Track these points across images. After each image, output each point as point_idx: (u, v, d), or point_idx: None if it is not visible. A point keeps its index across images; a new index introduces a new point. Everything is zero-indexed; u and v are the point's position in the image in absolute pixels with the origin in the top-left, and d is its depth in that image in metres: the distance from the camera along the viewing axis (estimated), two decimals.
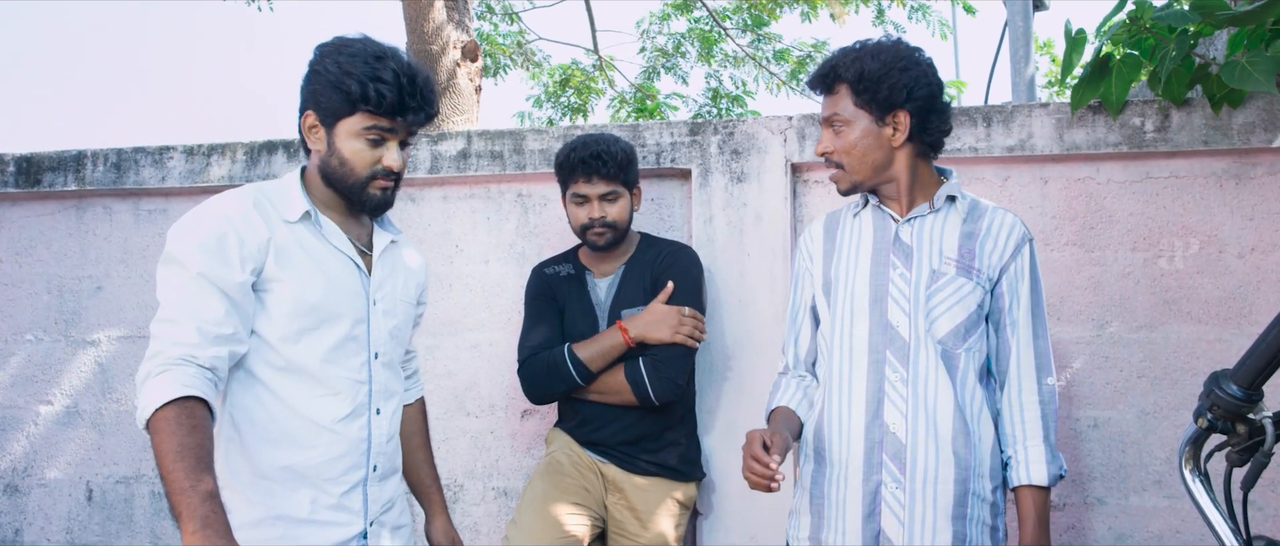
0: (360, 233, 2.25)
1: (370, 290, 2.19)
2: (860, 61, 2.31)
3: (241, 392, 2.07)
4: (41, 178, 3.68)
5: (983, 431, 2.29)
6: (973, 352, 2.30)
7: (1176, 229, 3.12)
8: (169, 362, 1.88)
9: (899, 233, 2.35)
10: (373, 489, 2.16)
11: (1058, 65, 13.33)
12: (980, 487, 2.27)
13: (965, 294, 2.28)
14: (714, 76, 11.86)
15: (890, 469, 2.26)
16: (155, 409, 1.83)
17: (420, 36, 5.44)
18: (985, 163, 3.21)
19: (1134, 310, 3.13)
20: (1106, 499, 3.10)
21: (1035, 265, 2.36)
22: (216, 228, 2.01)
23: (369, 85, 2.06)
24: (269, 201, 2.12)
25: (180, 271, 1.98)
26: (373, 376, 2.18)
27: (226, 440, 2.06)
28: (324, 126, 2.12)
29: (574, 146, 2.97)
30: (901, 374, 2.28)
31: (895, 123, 2.31)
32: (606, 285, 3.05)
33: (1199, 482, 1.70)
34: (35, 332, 3.69)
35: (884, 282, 2.33)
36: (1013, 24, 4.81)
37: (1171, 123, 3.06)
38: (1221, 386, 1.62)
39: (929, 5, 10.29)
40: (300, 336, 2.07)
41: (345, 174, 2.13)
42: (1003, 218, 2.36)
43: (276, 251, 2.06)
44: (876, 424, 2.28)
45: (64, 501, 3.66)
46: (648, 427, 2.98)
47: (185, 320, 1.93)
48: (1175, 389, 3.10)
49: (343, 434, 2.11)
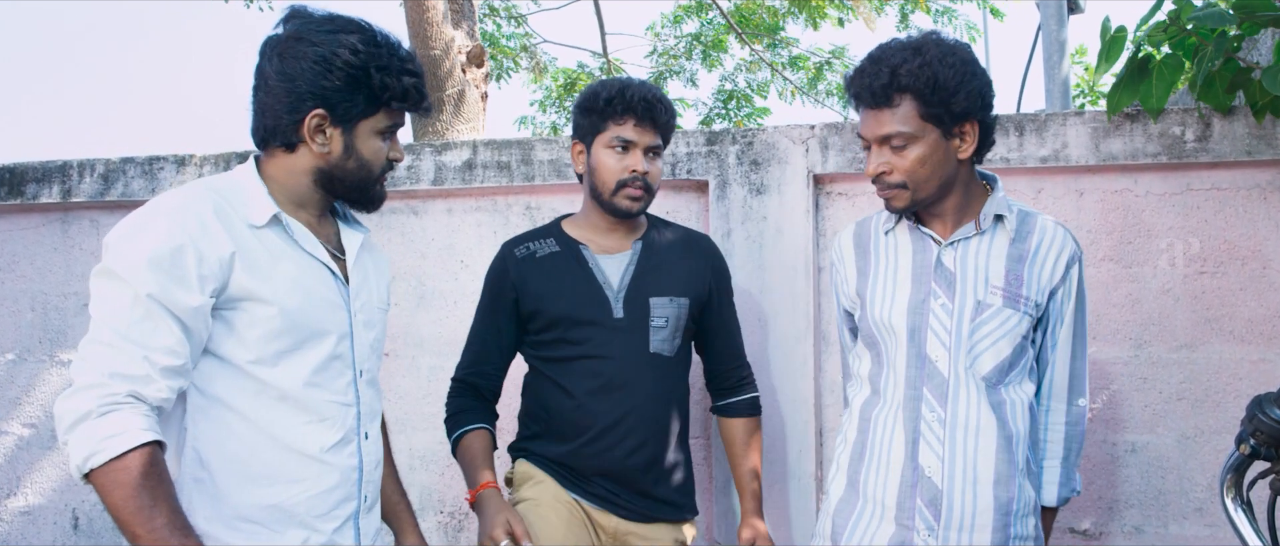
0: (328, 234, 2.11)
1: (350, 300, 2.07)
2: (929, 69, 2.14)
3: (209, 424, 1.91)
4: (25, 189, 3.70)
5: (1026, 464, 2.23)
6: (1016, 385, 2.24)
7: (1218, 243, 3.13)
8: (112, 400, 1.74)
9: (942, 257, 2.26)
10: (364, 521, 2.07)
11: (1091, 74, 13.31)
12: (1023, 529, 2.23)
13: (1012, 326, 2.21)
14: (729, 79, 11.90)
15: (924, 515, 2.20)
16: (111, 457, 1.71)
17: (423, 41, 5.49)
18: (1017, 174, 3.23)
19: (1174, 329, 3.14)
20: (1144, 527, 3.12)
21: (1082, 284, 2.32)
22: (171, 240, 1.82)
23: (402, 81, 1.98)
24: (228, 204, 1.94)
25: (124, 290, 1.80)
26: (360, 397, 2.06)
27: (192, 481, 1.90)
28: (339, 126, 1.99)
29: (621, 85, 2.67)
30: (939, 414, 2.21)
31: (962, 134, 2.20)
32: (617, 265, 2.73)
33: (1241, 511, 1.71)
34: (17, 351, 3.72)
35: (924, 313, 2.24)
36: (1046, 27, 4.82)
37: (1213, 132, 3.08)
38: (1265, 410, 1.63)
39: (954, 9, 10.32)
40: (279, 359, 1.93)
41: (364, 175, 2.04)
42: (1053, 234, 2.28)
43: (244, 264, 1.89)
44: (911, 466, 2.21)
45: (48, 529, 3.68)
46: (657, 449, 2.68)
47: (129, 348, 1.77)
48: (1217, 412, 3.11)
49: (333, 464, 1.99)
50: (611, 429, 2.63)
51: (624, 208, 2.67)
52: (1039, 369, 2.31)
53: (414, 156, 3.50)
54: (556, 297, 2.67)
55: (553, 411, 2.69)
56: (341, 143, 2.00)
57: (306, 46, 1.95)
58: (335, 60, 1.93)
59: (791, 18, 10.71)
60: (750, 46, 11.06)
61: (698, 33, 11.84)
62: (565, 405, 2.66)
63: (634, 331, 2.67)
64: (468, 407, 2.75)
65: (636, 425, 2.64)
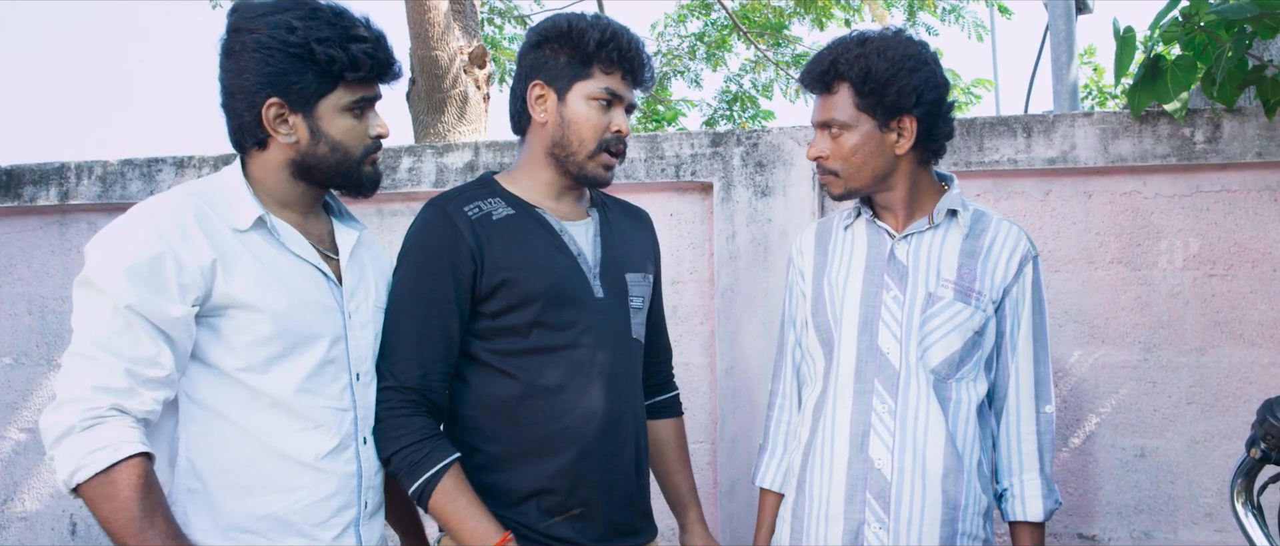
0: (320, 233, 2.08)
1: (344, 302, 2.04)
2: (865, 59, 2.20)
3: (202, 433, 1.89)
4: (22, 191, 3.70)
5: (977, 466, 2.25)
6: (967, 382, 2.26)
7: (1228, 246, 3.14)
8: (97, 414, 1.74)
9: (894, 250, 2.30)
10: (365, 529, 2.04)
11: (1100, 75, 13.33)
12: (971, 527, 2.24)
13: (962, 320, 2.24)
14: (734, 80, 11.90)
15: (873, 508, 2.21)
16: (97, 471, 1.71)
17: (425, 42, 5.49)
18: (1025, 176, 3.23)
19: (1183, 332, 3.15)
20: (1153, 533, 3.12)
21: (1039, 285, 2.33)
22: (149, 248, 1.81)
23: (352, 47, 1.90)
24: (211, 208, 1.91)
25: (103, 301, 1.79)
26: (357, 401, 2.03)
27: (187, 492, 1.89)
28: (298, 111, 1.93)
29: (613, 29, 2.23)
30: (889, 405, 2.23)
31: (900, 129, 2.24)
32: (585, 233, 2.29)
33: (1252, 516, 1.71)
34: (14, 355, 3.73)
35: (876, 305, 2.28)
36: (1054, 27, 4.82)
37: (1223, 133, 3.09)
38: (1276, 414, 1.63)
39: (961, 7, 10.32)
40: (269, 366, 1.90)
41: (340, 158, 1.98)
42: (1007, 232, 2.31)
43: (226, 271, 1.86)
44: (860, 458, 2.23)
45: (46, 535, 3.69)
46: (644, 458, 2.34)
47: (111, 360, 1.76)
48: (1227, 416, 3.12)
49: (330, 471, 1.96)
50: (610, 433, 2.22)
51: (597, 175, 2.25)
52: (1002, 377, 2.33)
53: (416, 158, 3.50)
54: (534, 270, 2.17)
55: (522, 421, 2.17)
56: (306, 128, 1.95)
57: (247, 36, 1.91)
58: (274, 43, 1.88)
59: (797, 18, 10.72)
60: (755, 46, 11.06)
61: (701, 32, 11.86)
62: (544, 409, 2.15)
63: (615, 312, 2.27)
64: (432, 434, 2.12)
65: (635, 429, 2.28)
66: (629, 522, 2.27)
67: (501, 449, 2.18)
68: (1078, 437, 3.17)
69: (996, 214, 2.36)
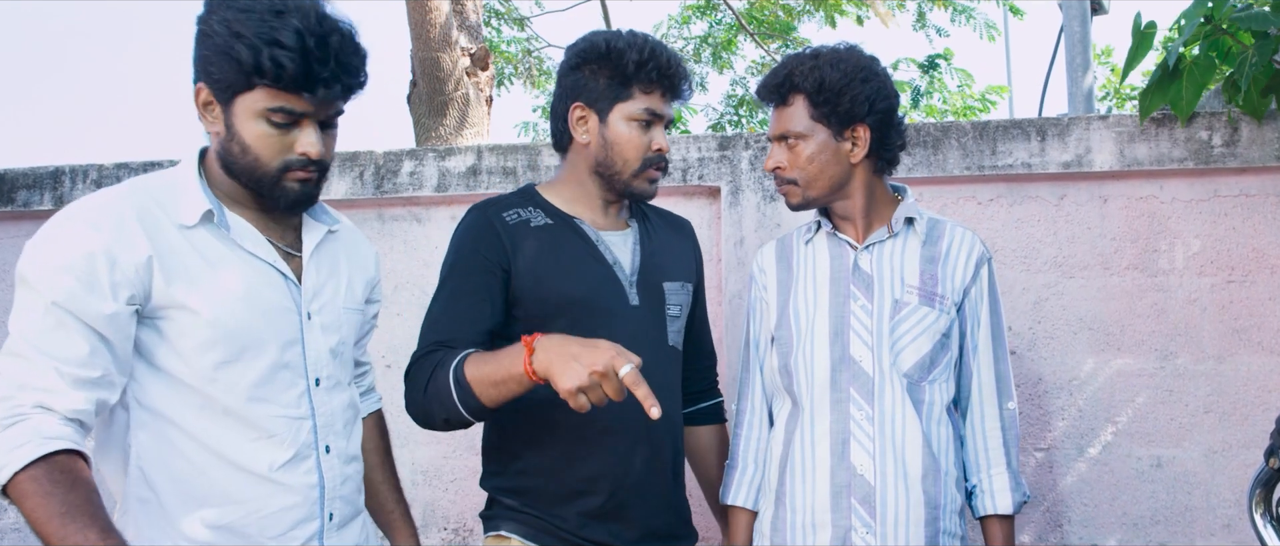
0: (283, 230, 2.00)
1: (302, 302, 1.97)
2: (819, 71, 2.32)
3: (153, 441, 1.84)
4: (16, 195, 3.70)
5: (950, 466, 2.34)
6: (939, 384, 2.35)
7: (1247, 251, 3.14)
8: (20, 412, 1.68)
9: (858, 261, 2.39)
10: (330, 541, 1.97)
11: (1117, 74, 13.31)
12: (950, 525, 2.33)
13: (930, 323, 2.33)
14: (740, 83, 11.90)
15: (860, 513, 2.28)
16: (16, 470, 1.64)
17: (426, 43, 5.52)
18: (1039, 180, 3.24)
19: (1201, 340, 3.15)
20: (1170, 544, 3.12)
21: (994, 286, 2.44)
22: (80, 245, 1.76)
23: (264, 51, 1.77)
24: (156, 203, 1.86)
25: (36, 299, 1.74)
26: (315, 408, 1.96)
27: (138, 502, 1.84)
28: (219, 103, 1.86)
29: (651, 47, 2.30)
30: (867, 411, 2.31)
31: (854, 137, 2.34)
32: (624, 244, 2.40)
33: (1271, 528, 1.72)
34: None
35: (844, 315, 2.36)
36: (1069, 28, 4.82)
37: (1241, 136, 3.09)
38: None
39: (972, 8, 10.33)
40: (217, 371, 1.84)
41: (250, 164, 1.87)
42: (962, 237, 2.42)
43: (166, 270, 1.81)
44: (842, 466, 2.30)
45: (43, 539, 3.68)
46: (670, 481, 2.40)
47: (38, 358, 1.71)
48: (1245, 426, 3.12)
49: (286, 483, 1.90)
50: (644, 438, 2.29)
51: (644, 190, 2.35)
52: (965, 377, 2.42)
53: (417, 161, 3.51)
54: (565, 277, 2.27)
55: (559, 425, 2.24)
56: (223, 121, 1.87)
57: (200, 18, 1.87)
58: (208, 29, 1.83)
59: (807, 16, 10.72)
60: (763, 47, 11.06)
61: (707, 34, 11.86)
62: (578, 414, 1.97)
63: (651, 321, 2.36)
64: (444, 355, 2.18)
65: (671, 434, 2.36)
66: (666, 527, 2.37)
67: (539, 452, 2.29)
68: (1093, 447, 3.17)
69: (950, 220, 2.46)
